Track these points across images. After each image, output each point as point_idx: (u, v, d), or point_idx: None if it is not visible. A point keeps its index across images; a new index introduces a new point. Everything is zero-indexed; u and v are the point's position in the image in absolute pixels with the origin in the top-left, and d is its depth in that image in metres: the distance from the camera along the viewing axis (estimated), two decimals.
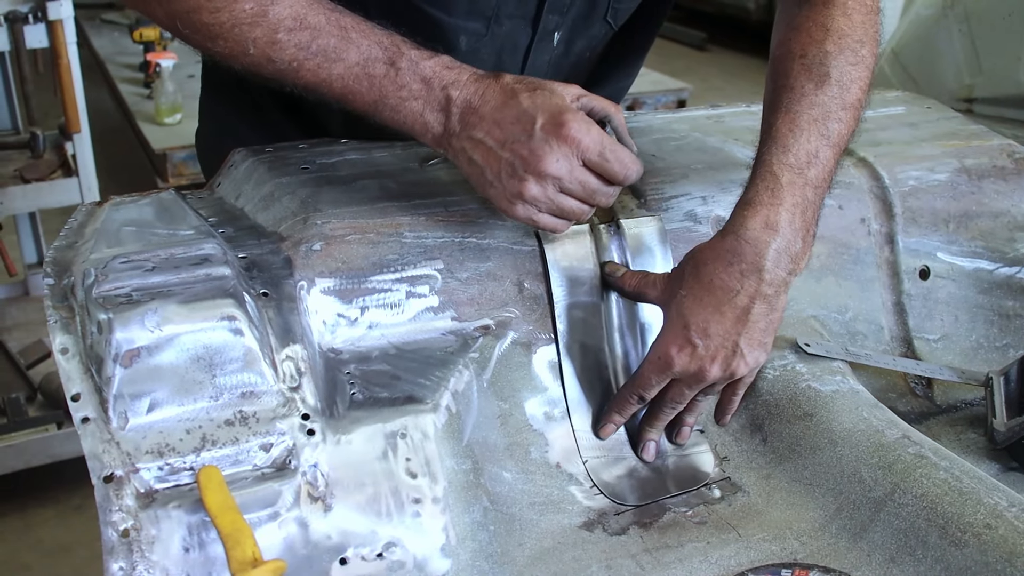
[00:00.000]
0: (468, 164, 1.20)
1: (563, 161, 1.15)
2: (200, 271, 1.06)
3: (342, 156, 1.40)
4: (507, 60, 1.45)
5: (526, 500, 1.17)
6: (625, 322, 1.31)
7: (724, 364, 1.21)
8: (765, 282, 1.20)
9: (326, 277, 1.16)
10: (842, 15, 1.34)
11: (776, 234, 1.20)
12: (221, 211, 1.32)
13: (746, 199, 1.24)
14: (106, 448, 0.96)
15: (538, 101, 1.16)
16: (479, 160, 1.18)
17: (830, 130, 1.27)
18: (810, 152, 1.25)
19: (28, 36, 3.03)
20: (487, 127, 1.18)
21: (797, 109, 1.27)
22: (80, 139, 3.18)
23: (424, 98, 1.20)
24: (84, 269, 1.07)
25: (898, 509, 1.13)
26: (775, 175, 1.24)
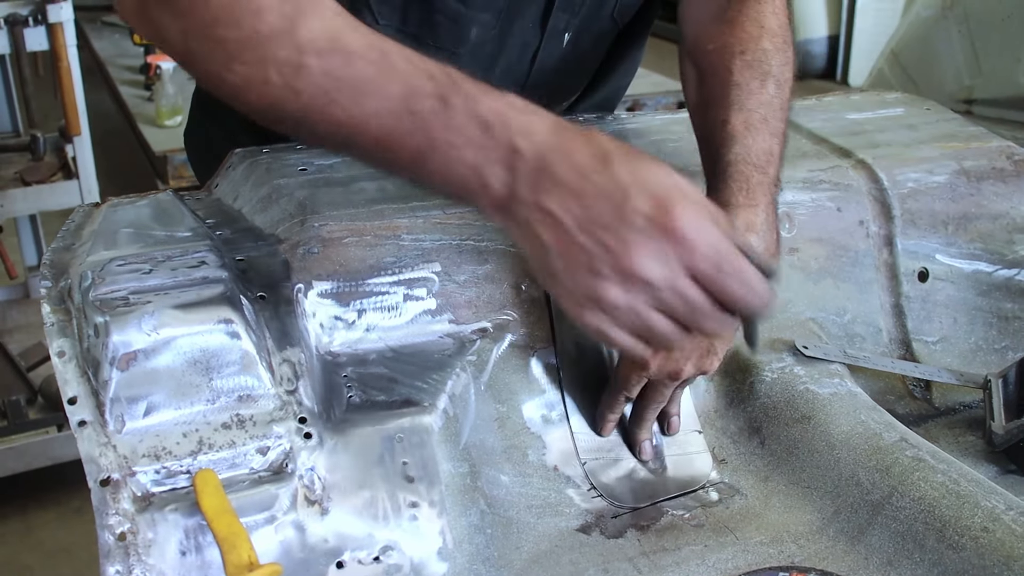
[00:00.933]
0: (532, 241, 0.95)
1: (662, 264, 0.89)
2: (197, 274, 1.06)
3: (339, 157, 1.40)
4: (516, 59, 1.44)
5: (523, 503, 1.17)
6: None
7: (698, 363, 1.20)
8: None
9: (323, 280, 1.16)
10: (772, 14, 1.34)
11: (756, 236, 1.18)
12: (219, 212, 1.32)
13: (723, 201, 1.17)
14: (103, 451, 0.97)
15: (641, 175, 0.91)
16: (548, 240, 0.93)
17: (777, 129, 1.25)
18: (767, 151, 1.22)
19: (28, 39, 3.04)
20: (564, 197, 0.91)
21: (749, 107, 1.23)
22: (80, 141, 3.19)
23: (483, 147, 0.93)
24: (81, 271, 1.07)
25: (896, 512, 1.13)
26: (745, 176, 1.19)
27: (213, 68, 1.01)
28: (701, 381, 1.33)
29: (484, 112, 0.94)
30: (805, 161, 1.52)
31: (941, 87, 2.53)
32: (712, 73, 1.30)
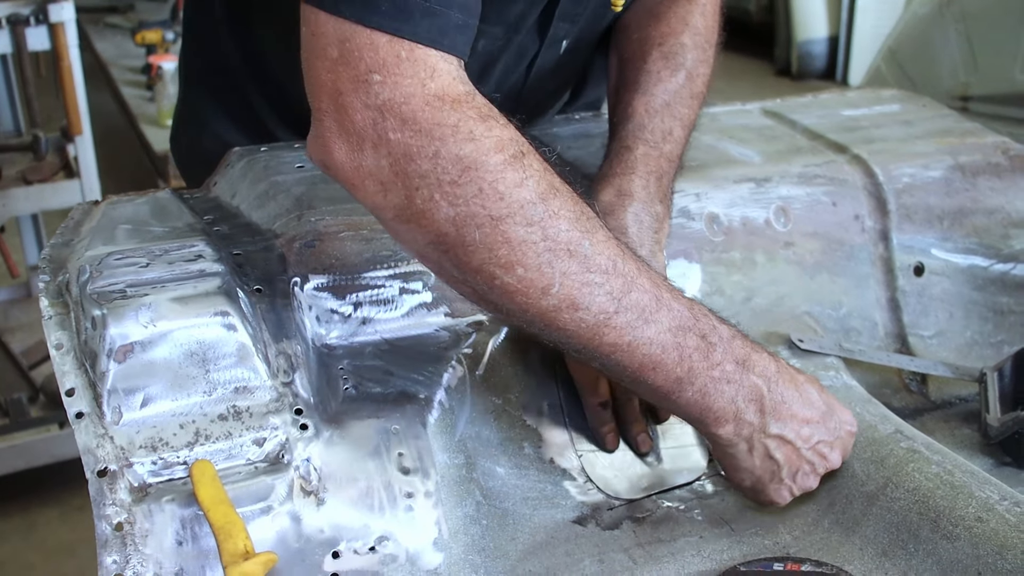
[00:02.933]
0: (763, 460, 1.12)
1: (841, 455, 1.18)
2: (194, 267, 1.07)
3: None
4: (513, 66, 1.45)
5: (519, 495, 1.18)
6: None
7: None
8: (635, 243, 1.21)
9: (319, 274, 1.17)
10: (700, 14, 1.42)
11: (631, 199, 1.23)
12: (217, 209, 1.33)
13: (599, 175, 1.27)
14: (100, 443, 0.97)
15: (827, 398, 1.17)
16: (780, 459, 1.12)
17: (681, 113, 1.33)
18: (664, 130, 1.30)
19: (30, 38, 3.05)
20: (797, 426, 1.12)
21: (653, 92, 1.33)
22: (82, 141, 3.20)
23: (738, 383, 1.07)
24: (79, 266, 1.08)
25: (890, 503, 1.13)
26: (629, 148, 1.28)
27: (490, 268, 0.96)
28: None
29: (738, 352, 1.08)
30: (800, 156, 1.52)
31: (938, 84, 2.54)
32: (630, 60, 1.39)
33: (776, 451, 1.12)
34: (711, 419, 1.08)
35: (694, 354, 1.04)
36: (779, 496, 1.16)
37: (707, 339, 1.05)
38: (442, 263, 0.99)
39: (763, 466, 1.13)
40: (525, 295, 0.97)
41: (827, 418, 1.14)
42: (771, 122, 1.67)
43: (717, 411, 1.07)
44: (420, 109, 0.93)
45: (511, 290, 0.96)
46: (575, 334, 1.00)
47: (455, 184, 0.93)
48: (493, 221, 0.94)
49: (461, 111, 0.95)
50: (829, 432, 1.14)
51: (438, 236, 0.96)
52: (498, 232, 0.94)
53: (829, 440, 1.14)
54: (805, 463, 1.14)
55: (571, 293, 0.97)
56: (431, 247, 0.98)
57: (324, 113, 0.96)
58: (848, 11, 8.53)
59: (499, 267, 0.95)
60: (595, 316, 0.98)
